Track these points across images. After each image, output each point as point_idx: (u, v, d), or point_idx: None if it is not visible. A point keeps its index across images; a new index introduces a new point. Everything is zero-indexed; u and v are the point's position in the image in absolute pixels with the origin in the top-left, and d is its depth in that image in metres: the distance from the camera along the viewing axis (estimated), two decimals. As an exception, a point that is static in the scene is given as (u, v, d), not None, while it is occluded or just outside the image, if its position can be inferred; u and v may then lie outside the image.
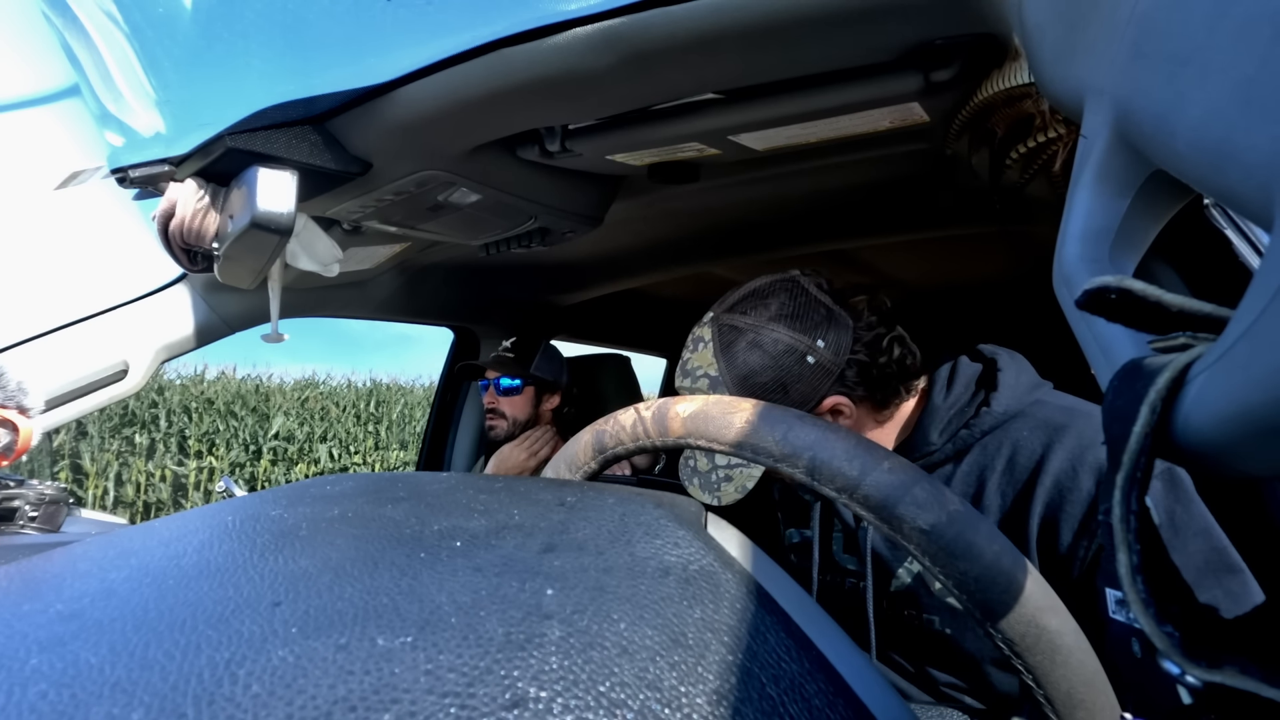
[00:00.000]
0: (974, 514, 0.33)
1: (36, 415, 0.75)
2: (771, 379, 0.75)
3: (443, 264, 1.31)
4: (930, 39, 0.54)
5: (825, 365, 0.76)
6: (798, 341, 0.76)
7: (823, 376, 0.76)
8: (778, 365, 0.75)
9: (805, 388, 0.76)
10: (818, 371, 0.76)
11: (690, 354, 0.81)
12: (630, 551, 0.26)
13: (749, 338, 0.77)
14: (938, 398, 0.78)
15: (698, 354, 0.80)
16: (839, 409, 0.77)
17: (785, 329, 0.76)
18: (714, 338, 0.79)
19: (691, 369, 0.80)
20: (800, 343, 0.76)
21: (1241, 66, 0.16)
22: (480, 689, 0.18)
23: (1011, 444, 0.72)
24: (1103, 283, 0.18)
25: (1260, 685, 0.15)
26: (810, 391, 0.76)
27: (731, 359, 0.77)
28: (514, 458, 1.47)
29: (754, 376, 0.76)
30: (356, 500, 0.31)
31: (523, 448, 1.47)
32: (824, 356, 0.76)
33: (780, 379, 0.75)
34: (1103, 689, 0.32)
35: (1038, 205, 0.87)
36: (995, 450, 0.73)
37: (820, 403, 0.77)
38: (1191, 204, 0.26)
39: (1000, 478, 0.72)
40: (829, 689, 0.22)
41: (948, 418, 0.77)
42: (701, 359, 0.80)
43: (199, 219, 0.72)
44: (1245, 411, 0.14)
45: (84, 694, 0.18)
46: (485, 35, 0.55)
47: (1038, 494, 0.67)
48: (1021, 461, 0.70)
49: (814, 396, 0.76)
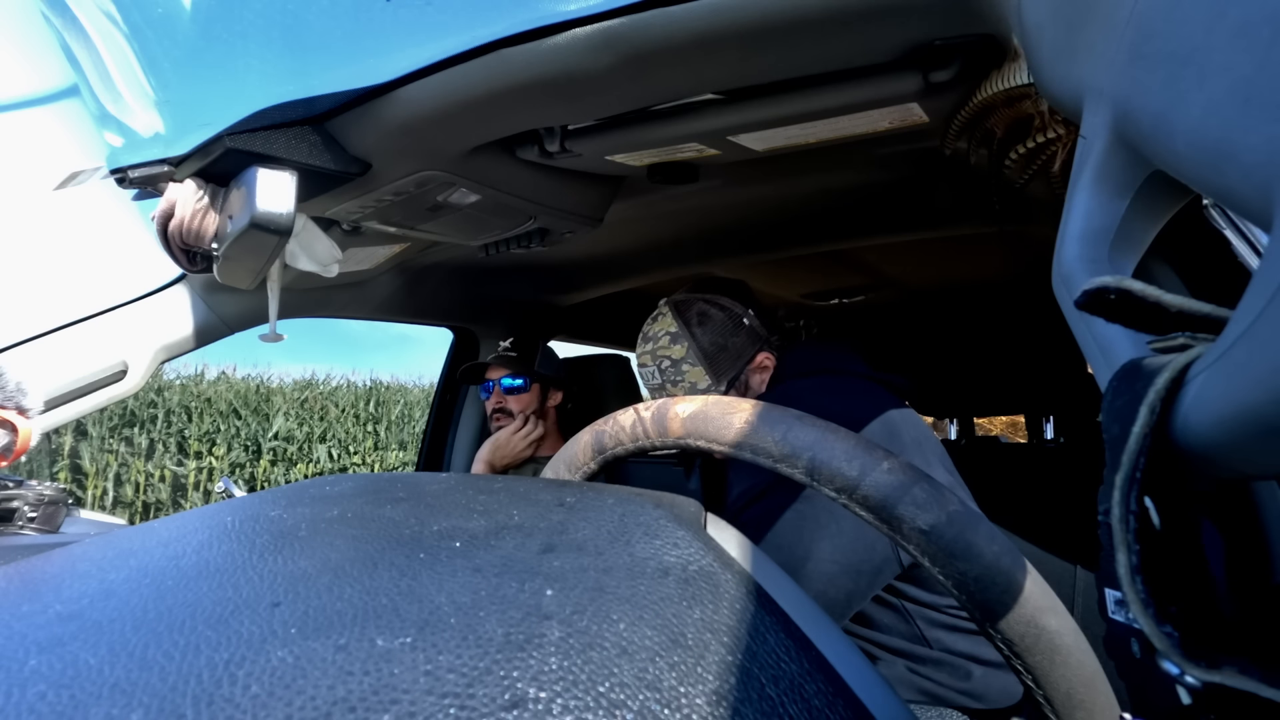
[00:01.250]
0: (974, 514, 0.33)
1: (36, 416, 0.74)
2: (719, 332, 1.02)
3: (442, 264, 1.31)
4: (929, 40, 0.54)
5: (755, 329, 1.04)
6: (735, 307, 1.04)
7: (754, 337, 1.03)
8: (723, 323, 1.03)
9: (742, 342, 1.02)
10: (750, 332, 1.03)
11: (650, 325, 1.07)
12: (630, 552, 0.26)
13: (699, 305, 1.04)
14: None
15: (657, 323, 1.06)
16: (765, 364, 1.03)
17: (725, 299, 1.05)
18: (670, 309, 1.06)
19: (654, 334, 1.05)
20: (737, 308, 1.04)
21: (1240, 67, 0.16)
22: (480, 689, 0.18)
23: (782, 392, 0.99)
24: (1102, 283, 0.18)
25: (1259, 685, 0.15)
26: (747, 345, 1.03)
27: (688, 319, 1.03)
28: (513, 444, 1.46)
29: (706, 331, 1.02)
30: (356, 501, 0.31)
31: (520, 435, 1.47)
32: (754, 323, 1.04)
33: (726, 332, 1.02)
34: (1102, 689, 0.32)
35: (1037, 205, 0.87)
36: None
37: (754, 357, 1.03)
38: (1190, 204, 0.26)
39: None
40: (828, 689, 0.22)
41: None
42: (662, 325, 1.05)
43: (198, 219, 0.72)
44: (1244, 412, 0.14)
45: (83, 695, 0.18)
46: (485, 35, 0.55)
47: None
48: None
49: (749, 351, 1.03)
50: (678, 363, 1.02)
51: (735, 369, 1.02)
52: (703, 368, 1.01)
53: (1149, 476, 0.17)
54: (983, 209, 1.03)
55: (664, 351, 1.03)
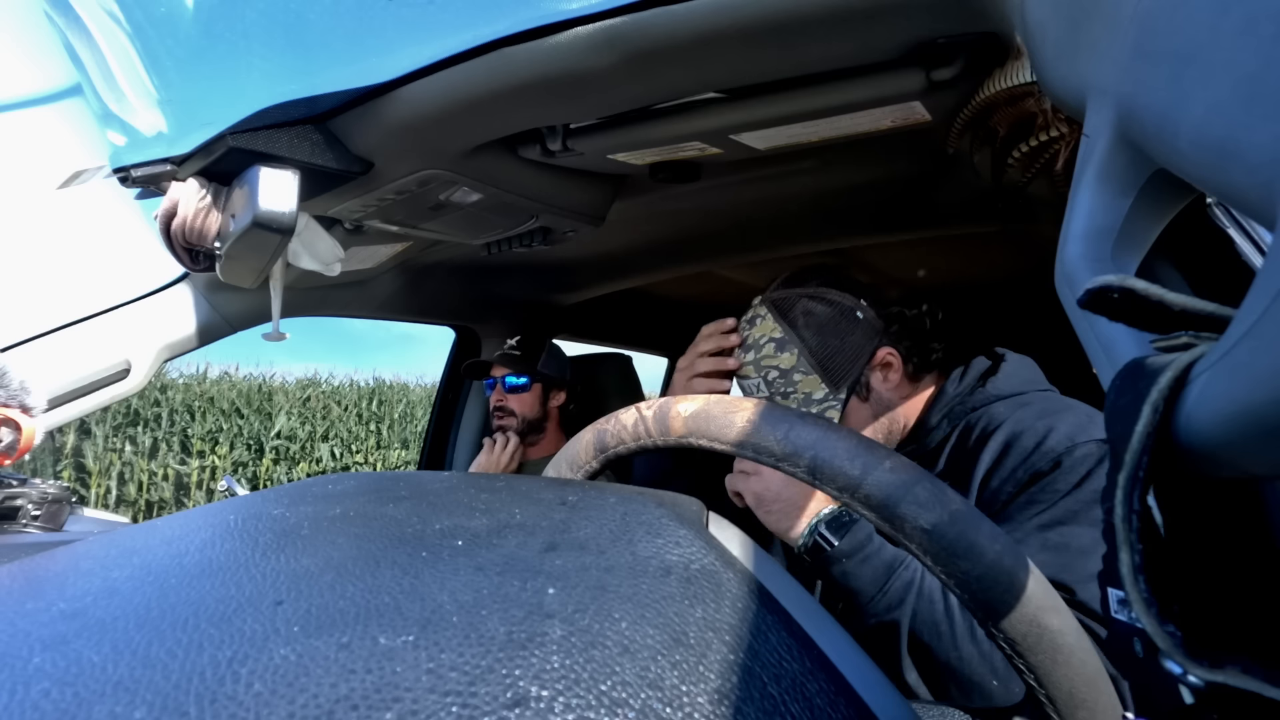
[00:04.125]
0: (976, 514, 0.33)
1: (39, 414, 0.75)
2: (831, 328, 0.85)
3: (444, 263, 1.31)
4: (932, 37, 0.54)
5: (871, 322, 0.87)
6: (845, 298, 0.87)
7: (871, 331, 0.86)
8: (834, 320, 0.86)
9: (859, 338, 0.86)
10: (867, 326, 0.86)
11: (748, 331, 0.89)
12: (632, 551, 0.26)
13: (804, 302, 0.87)
14: (949, 388, 0.85)
15: (757, 328, 0.88)
16: (888, 360, 0.86)
17: (832, 291, 0.87)
18: (769, 311, 0.88)
19: (754, 341, 0.88)
20: (847, 299, 0.87)
21: (1244, 64, 0.16)
22: (482, 688, 0.18)
23: (988, 417, 0.80)
24: (1105, 282, 0.18)
25: (1262, 685, 0.15)
26: (864, 342, 0.86)
27: (793, 319, 0.86)
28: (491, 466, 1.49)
29: (816, 332, 0.85)
30: (358, 499, 0.31)
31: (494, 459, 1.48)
32: (869, 314, 0.87)
33: (839, 330, 0.85)
34: (1105, 689, 0.32)
35: (1040, 204, 0.87)
36: (975, 422, 0.81)
37: (874, 355, 0.86)
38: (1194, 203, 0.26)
39: (972, 443, 0.79)
40: (830, 688, 0.22)
41: (950, 403, 0.84)
42: (763, 329, 0.87)
43: (201, 218, 0.72)
44: (1248, 411, 0.14)
45: (87, 692, 0.18)
46: (486, 34, 0.55)
47: (988, 449, 0.75)
48: (989, 429, 0.78)
49: (868, 348, 0.86)
50: (787, 373, 0.86)
51: (854, 372, 0.86)
52: (817, 375, 0.85)
53: (1152, 475, 0.17)
54: (985, 208, 1.03)
55: (769, 361, 0.86)
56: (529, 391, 1.51)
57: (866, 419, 0.87)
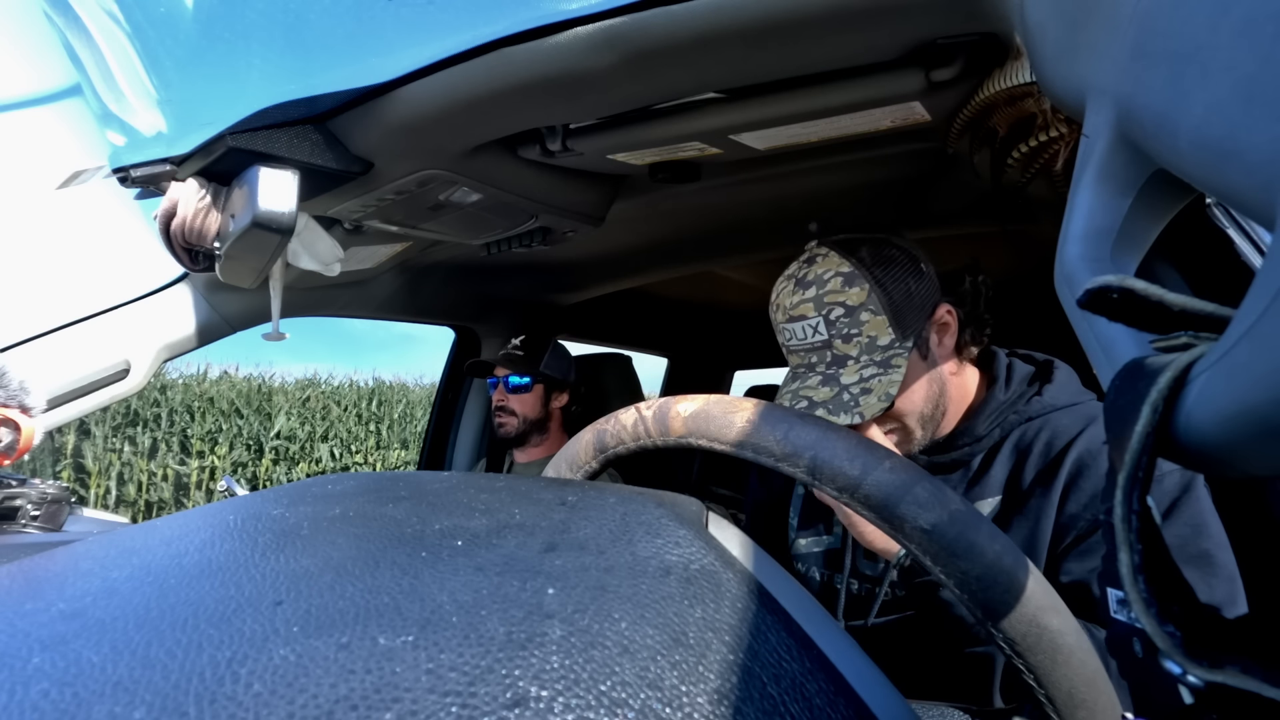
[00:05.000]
0: (975, 513, 0.33)
1: (38, 414, 0.75)
2: (900, 271, 0.80)
3: (444, 263, 1.31)
4: (932, 38, 0.54)
5: (932, 277, 0.83)
6: (910, 246, 0.83)
7: (933, 286, 0.82)
8: (905, 264, 0.80)
9: (926, 289, 0.81)
10: (930, 279, 0.82)
11: (807, 269, 0.82)
12: (631, 551, 0.26)
13: (871, 246, 0.81)
14: (998, 393, 0.83)
15: (819, 264, 0.81)
16: (946, 321, 0.82)
17: (895, 241, 0.82)
18: (833, 249, 0.81)
19: (816, 276, 0.80)
20: (914, 249, 0.83)
21: (1243, 65, 0.16)
22: (481, 688, 0.18)
23: (1051, 429, 0.77)
24: (1104, 282, 0.18)
25: (1262, 685, 0.15)
26: (930, 293, 0.81)
27: (862, 257, 0.80)
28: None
29: (889, 272, 0.79)
30: (358, 499, 0.31)
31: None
32: (930, 269, 0.83)
33: (910, 275, 0.80)
34: (1104, 689, 0.32)
35: (1039, 204, 0.87)
36: (1036, 433, 0.78)
37: (936, 309, 0.82)
38: (1193, 203, 0.26)
39: (1037, 456, 0.77)
40: (830, 688, 0.22)
41: (1002, 410, 0.82)
42: (826, 265, 0.80)
43: (200, 218, 0.72)
44: (1247, 411, 0.14)
45: (86, 692, 0.18)
46: (486, 35, 0.55)
47: (1064, 467, 0.73)
48: (1057, 443, 0.76)
49: (931, 299, 0.82)
50: (854, 310, 0.78)
51: (919, 323, 0.80)
52: (885, 317, 0.78)
53: (1152, 475, 0.17)
54: (985, 208, 1.03)
55: (834, 297, 0.78)
56: (530, 392, 1.52)
57: (921, 379, 0.81)
